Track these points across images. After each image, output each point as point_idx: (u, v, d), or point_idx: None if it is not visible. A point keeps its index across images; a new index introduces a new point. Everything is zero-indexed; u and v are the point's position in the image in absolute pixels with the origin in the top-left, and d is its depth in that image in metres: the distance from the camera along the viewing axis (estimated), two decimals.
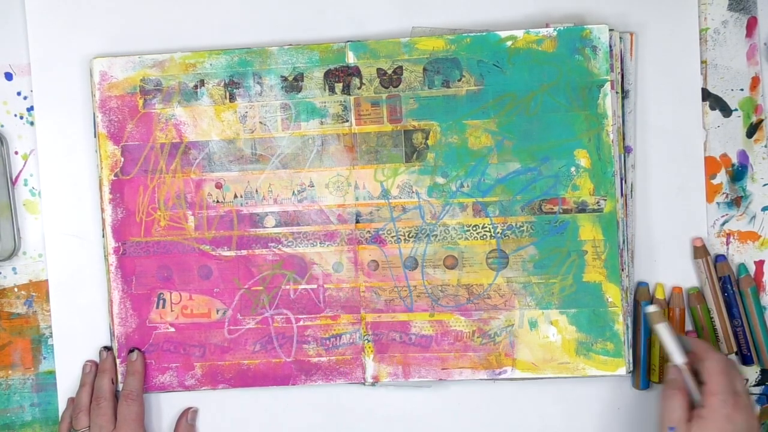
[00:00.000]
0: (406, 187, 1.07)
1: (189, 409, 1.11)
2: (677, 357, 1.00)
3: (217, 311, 1.09)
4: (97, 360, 1.11)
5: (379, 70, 1.07)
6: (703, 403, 0.96)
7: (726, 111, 1.09)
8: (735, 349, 1.08)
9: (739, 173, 1.09)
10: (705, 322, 1.08)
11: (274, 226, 1.09)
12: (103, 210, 1.09)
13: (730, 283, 1.07)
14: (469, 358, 1.08)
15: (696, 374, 0.99)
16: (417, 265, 1.07)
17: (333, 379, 1.09)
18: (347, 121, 1.08)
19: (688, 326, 1.09)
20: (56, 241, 1.11)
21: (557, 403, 1.10)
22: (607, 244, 1.06)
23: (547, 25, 1.07)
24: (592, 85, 1.05)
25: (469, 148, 1.07)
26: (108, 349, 1.10)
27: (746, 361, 1.08)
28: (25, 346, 1.12)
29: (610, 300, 1.06)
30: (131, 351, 1.09)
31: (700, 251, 1.08)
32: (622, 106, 1.06)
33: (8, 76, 1.12)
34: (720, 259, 1.08)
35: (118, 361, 1.10)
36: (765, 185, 1.09)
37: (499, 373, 1.08)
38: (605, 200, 1.06)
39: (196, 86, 1.09)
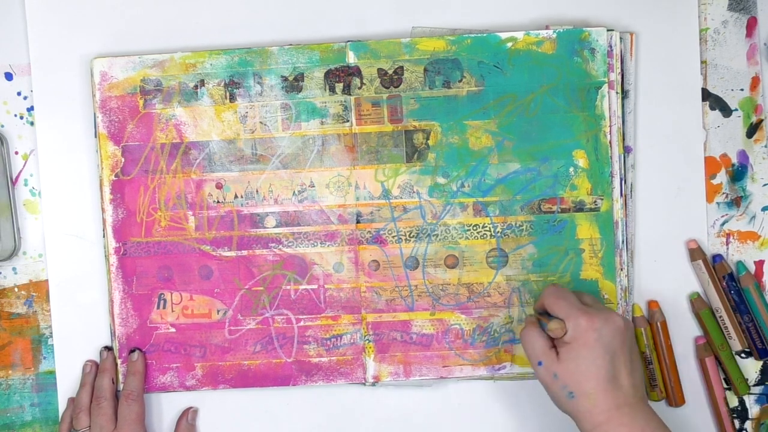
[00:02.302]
0: (407, 187, 1.07)
1: (189, 409, 1.11)
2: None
3: (218, 311, 1.09)
4: (98, 360, 1.11)
5: (379, 70, 1.07)
6: (559, 324, 0.97)
7: (726, 111, 1.09)
8: (747, 346, 1.08)
9: (739, 173, 1.09)
10: (714, 324, 1.08)
11: (274, 227, 1.09)
12: (103, 210, 1.09)
13: (733, 280, 1.08)
14: (469, 355, 1.08)
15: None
16: (418, 265, 1.08)
17: (334, 379, 1.09)
18: (348, 121, 1.08)
19: (692, 333, 1.09)
20: (56, 241, 1.11)
21: None
22: (604, 243, 1.07)
23: (546, 27, 1.07)
24: (590, 87, 1.06)
25: (470, 148, 1.07)
26: (108, 349, 1.10)
27: (762, 355, 1.09)
28: (25, 346, 1.12)
29: (606, 297, 1.07)
30: (132, 351, 1.09)
31: (696, 253, 1.08)
32: (622, 106, 1.07)
33: (8, 76, 1.12)
34: (717, 259, 1.08)
35: (118, 361, 1.10)
36: (765, 185, 1.09)
37: (499, 369, 1.08)
38: (602, 200, 1.06)
39: (196, 86, 1.09)
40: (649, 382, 1.09)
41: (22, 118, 1.12)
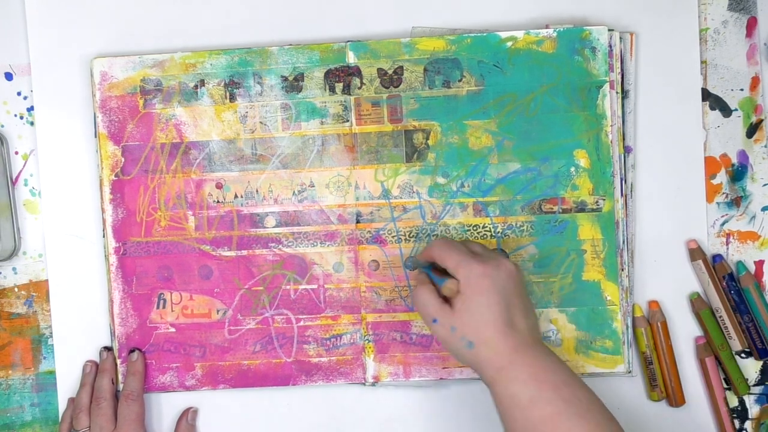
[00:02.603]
0: (407, 187, 1.07)
1: (189, 409, 1.11)
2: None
3: (218, 311, 1.09)
4: (98, 360, 1.11)
5: (379, 70, 1.07)
6: (454, 280, 0.96)
7: (726, 111, 1.09)
8: (747, 346, 1.08)
9: (739, 173, 1.09)
10: (714, 324, 1.08)
11: (274, 226, 1.09)
12: (103, 210, 1.09)
13: (733, 280, 1.08)
14: None
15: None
16: (418, 265, 1.08)
17: (333, 379, 1.09)
18: (348, 121, 1.08)
19: (692, 333, 1.09)
20: (56, 241, 1.11)
21: None
22: (606, 243, 1.06)
23: (547, 26, 1.07)
24: (591, 86, 1.06)
25: (470, 148, 1.07)
26: (108, 349, 1.10)
27: (762, 355, 1.08)
28: (25, 346, 1.12)
29: (608, 298, 1.06)
30: (132, 351, 1.09)
31: (696, 253, 1.08)
32: (622, 106, 1.07)
33: (8, 76, 1.12)
34: (717, 258, 1.08)
35: (118, 361, 1.10)
36: (765, 185, 1.09)
37: None
38: (604, 200, 1.06)
39: (196, 86, 1.09)
40: (650, 382, 1.08)
41: (22, 118, 1.12)
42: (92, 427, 1.07)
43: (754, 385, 1.09)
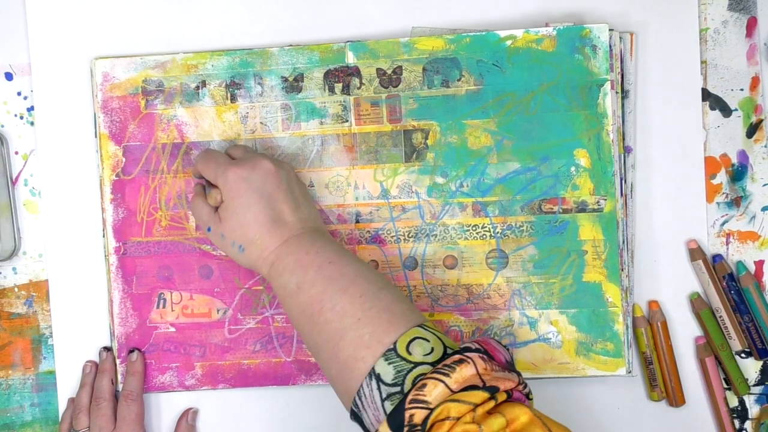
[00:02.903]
0: (406, 186, 1.07)
1: (189, 409, 1.11)
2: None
3: (218, 311, 1.09)
4: (97, 360, 1.11)
5: (378, 70, 1.07)
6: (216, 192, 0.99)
7: (726, 111, 1.09)
8: (747, 346, 1.08)
9: (739, 173, 1.09)
10: (714, 324, 1.08)
11: None
12: (103, 210, 1.09)
13: (733, 280, 1.07)
14: None
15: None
16: (417, 265, 1.07)
17: None
18: (347, 121, 1.08)
19: (692, 333, 1.09)
20: (56, 241, 1.12)
21: (557, 403, 1.10)
22: (607, 244, 1.06)
23: (546, 25, 1.07)
24: (591, 85, 1.05)
25: (469, 147, 1.07)
26: (108, 349, 1.10)
27: (762, 355, 1.08)
28: (25, 346, 1.12)
29: (610, 300, 1.06)
30: (131, 351, 1.09)
31: (696, 253, 1.08)
32: (622, 106, 1.06)
33: (8, 76, 1.12)
34: (717, 258, 1.08)
35: (117, 361, 1.10)
36: (765, 185, 1.09)
37: None
38: (605, 200, 1.06)
39: (197, 87, 1.09)
40: (650, 382, 1.08)
41: (22, 118, 1.12)
42: (92, 428, 1.07)
43: (754, 385, 1.09)
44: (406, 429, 0.81)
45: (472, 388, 0.82)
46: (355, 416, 0.90)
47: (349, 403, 0.90)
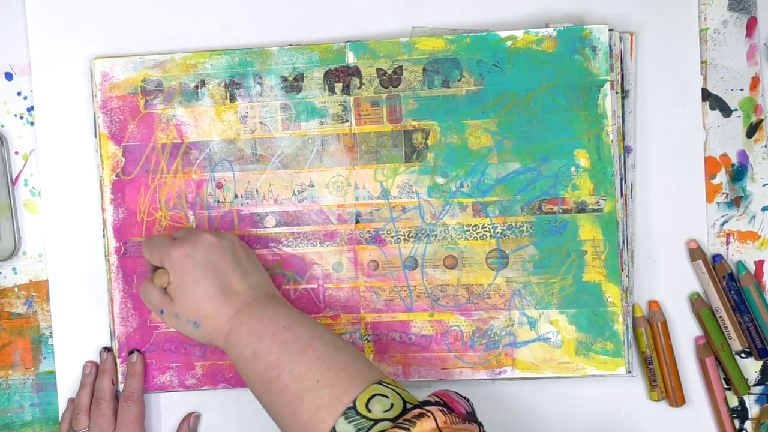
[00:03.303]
0: (406, 187, 1.07)
1: (192, 413, 1.11)
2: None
3: None
4: (97, 361, 1.11)
5: (378, 70, 1.07)
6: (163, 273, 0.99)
7: (726, 111, 1.09)
8: (747, 346, 1.08)
9: (739, 173, 1.09)
10: (714, 324, 1.08)
11: (274, 226, 1.09)
12: (104, 210, 1.09)
13: (733, 280, 1.07)
14: (468, 357, 1.08)
15: None
16: (417, 265, 1.07)
17: None
18: (347, 121, 1.08)
19: (692, 333, 1.09)
20: (56, 241, 1.12)
21: (557, 403, 1.10)
22: (607, 244, 1.06)
23: (546, 25, 1.07)
24: (591, 85, 1.05)
25: (469, 148, 1.07)
26: (108, 350, 1.10)
27: (762, 355, 1.08)
28: (25, 346, 1.12)
29: (609, 300, 1.06)
30: (131, 352, 1.09)
31: (696, 253, 1.08)
32: (622, 106, 1.06)
33: (8, 76, 1.12)
34: (717, 258, 1.08)
35: (118, 361, 1.10)
36: (765, 185, 1.09)
37: (499, 373, 1.08)
38: (605, 200, 1.06)
39: (196, 87, 1.09)
40: (650, 382, 1.08)
41: (22, 118, 1.12)
42: (92, 428, 1.07)
43: (754, 385, 1.09)
44: None
45: None
46: None
47: None
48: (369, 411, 0.86)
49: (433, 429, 0.83)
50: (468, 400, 0.90)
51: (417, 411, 0.85)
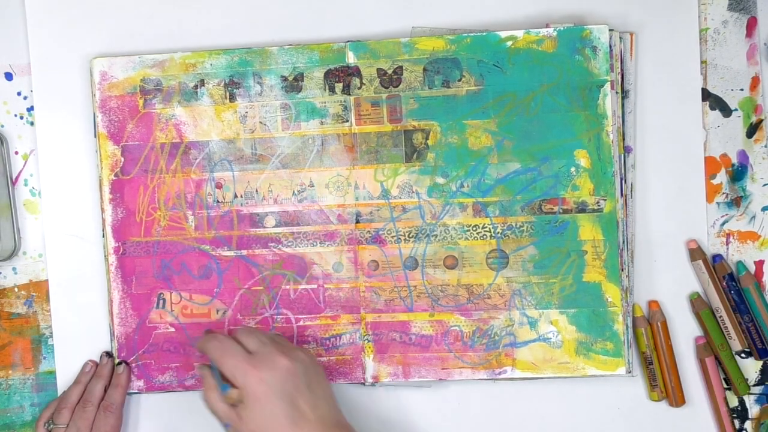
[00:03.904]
0: (406, 187, 1.07)
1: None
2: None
3: (217, 311, 1.09)
4: (98, 361, 1.11)
5: (379, 70, 1.07)
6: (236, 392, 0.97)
7: (726, 111, 1.09)
8: (747, 346, 1.08)
9: (739, 173, 1.09)
10: (714, 324, 1.08)
11: (274, 226, 1.09)
12: (103, 210, 1.09)
13: (733, 280, 1.07)
14: (469, 357, 1.08)
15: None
16: (417, 265, 1.07)
17: (333, 379, 1.09)
18: (347, 121, 1.08)
19: (692, 333, 1.09)
20: (56, 241, 1.12)
21: (557, 403, 1.10)
22: (607, 244, 1.06)
23: (547, 26, 1.07)
24: (592, 86, 1.05)
25: (469, 148, 1.07)
26: (110, 355, 1.10)
27: (762, 355, 1.08)
28: (25, 346, 1.12)
29: (609, 300, 1.06)
30: (119, 363, 1.09)
31: (696, 253, 1.08)
32: (622, 106, 1.06)
33: (8, 76, 1.12)
34: (717, 258, 1.08)
35: (117, 361, 1.10)
36: (765, 185, 1.09)
37: (499, 373, 1.08)
38: (605, 200, 1.06)
39: (196, 86, 1.09)
40: (650, 382, 1.08)
41: (22, 118, 1.12)
42: (70, 426, 1.06)
43: (754, 385, 1.09)
44: None
45: None
46: None
47: None
48: None
49: None
50: None
51: None
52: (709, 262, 1.08)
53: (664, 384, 1.08)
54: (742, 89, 1.09)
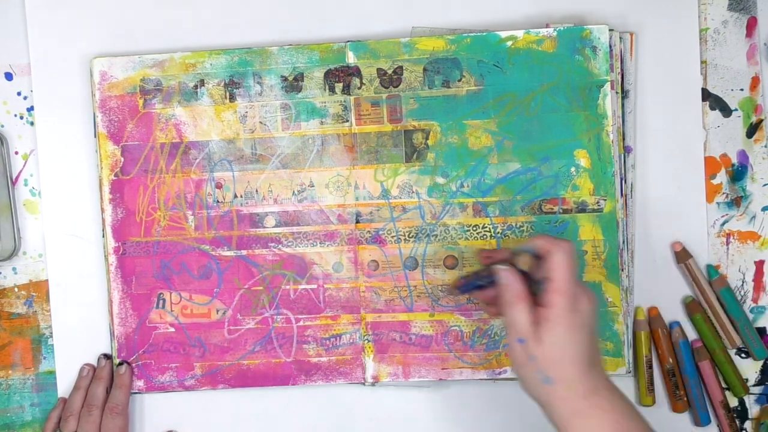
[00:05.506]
0: (406, 187, 1.07)
1: None
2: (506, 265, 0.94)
3: (217, 311, 1.09)
4: (95, 364, 1.11)
5: (379, 70, 1.07)
6: (548, 302, 0.90)
7: (726, 111, 1.09)
8: (743, 345, 1.08)
9: (739, 173, 1.09)
10: (705, 328, 1.08)
11: (274, 226, 1.09)
12: (103, 210, 1.09)
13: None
14: (469, 357, 1.08)
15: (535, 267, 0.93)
16: (417, 265, 1.07)
17: (333, 379, 1.09)
18: (347, 121, 1.08)
19: (691, 335, 1.09)
20: (56, 241, 1.11)
21: None
22: (607, 244, 1.06)
23: (547, 26, 1.07)
24: (592, 86, 1.05)
25: (469, 148, 1.07)
26: (107, 357, 1.10)
27: (759, 354, 1.08)
28: (25, 346, 1.12)
29: (609, 300, 1.06)
30: (120, 364, 1.09)
31: (681, 255, 1.08)
32: (622, 106, 1.07)
33: (8, 76, 1.12)
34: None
35: (117, 361, 1.10)
36: (765, 185, 1.09)
37: (499, 373, 1.08)
38: (605, 200, 1.06)
39: (196, 86, 1.09)
40: (647, 386, 1.08)
41: (22, 118, 1.12)
42: None
43: (754, 386, 1.09)
44: None
45: None
46: None
47: None
48: None
49: None
50: None
51: None
52: (693, 266, 1.07)
53: (666, 387, 1.08)
54: (742, 89, 1.09)
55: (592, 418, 0.89)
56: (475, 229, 1.07)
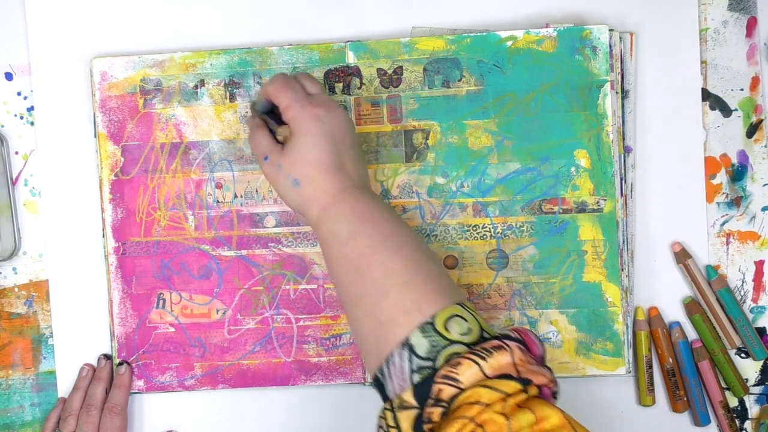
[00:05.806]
0: (406, 187, 1.07)
1: None
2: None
3: (217, 311, 1.09)
4: (95, 365, 1.11)
5: (379, 70, 1.07)
6: (286, 121, 0.97)
7: (726, 111, 1.09)
8: (743, 345, 1.08)
9: (739, 173, 1.09)
10: (704, 328, 1.08)
11: (274, 226, 1.09)
12: (103, 210, 1.09)
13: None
14: None
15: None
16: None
17: (333, 379, 1.09)
18: None
19: (691, 335, 1.09)
20: (56, 241, 1.11)
21: (557, 403, 1.10)
22: (607, 244, 1.06)
23: (547, 26, 1.07)
24: (592, 86, 1.06)
25: (469, 148, 1.07)
26: (107, 357, 1.10)
27: (758, 354, 1.08)
28: (25, 346, 1.12)
29: (609, 300, 1.06)
30: (120, 364, 1.09)
31: (680, 256, 1.08)
32: (622, 106, 1.07)
33: (8, 76, 1.12)
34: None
35: (117, 361, 1.10)
36: (765, 185, 1.09)
37: None
38: (605, 200, 1.06)
39: (196, 86, 1.09)
40: (646, 386, 1.08)
41: (22, 118, 1.12)
42: None
43: (754, 386, 1.09)
44: (431, 401, 0.81)
45: (506, 377, 0.81)
46: (377, 382, 0.87)
47: (375, 366, 0.87)
48: (447, 330, 0.84)
49: (509, 364, 0.81)
50: (543, 345, 0.88)
51: (496, 342, 0.83)
52: (691, 266, 1.07)
53: (667, 388, 1.08)
54: (742, 89, 1.09)
55: (336, 208, 0.93)
56: (475, 229, 1.07)
